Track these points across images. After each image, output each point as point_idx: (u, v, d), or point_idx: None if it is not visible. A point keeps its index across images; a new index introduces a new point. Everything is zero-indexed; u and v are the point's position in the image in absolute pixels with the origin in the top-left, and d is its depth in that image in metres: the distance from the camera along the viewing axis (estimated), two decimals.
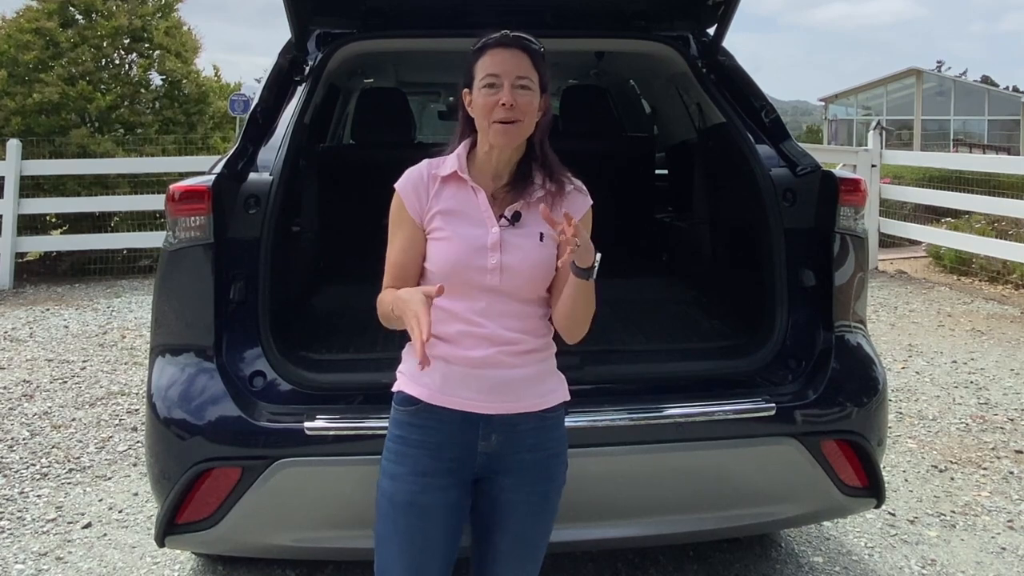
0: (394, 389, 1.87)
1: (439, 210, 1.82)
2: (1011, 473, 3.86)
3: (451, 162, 1.84)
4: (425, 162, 1.87)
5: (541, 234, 1.80)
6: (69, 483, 3.70)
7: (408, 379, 1.85)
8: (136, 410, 4.58)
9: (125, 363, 5.55)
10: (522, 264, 1.78)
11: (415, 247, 1.83)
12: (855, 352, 2.56)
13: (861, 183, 2.63)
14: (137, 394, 4.86)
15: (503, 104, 1.74)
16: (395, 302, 1.72)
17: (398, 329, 1.77)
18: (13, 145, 8.26)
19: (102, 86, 9.28)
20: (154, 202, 8.36)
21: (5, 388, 5.00)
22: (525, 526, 1.86)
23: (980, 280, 8.46)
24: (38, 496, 3.56)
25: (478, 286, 1.78)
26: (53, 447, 4.10)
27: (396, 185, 1.86)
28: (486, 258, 1.77)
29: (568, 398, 1.91)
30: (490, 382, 1.79)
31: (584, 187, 1.89)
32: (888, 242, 9.72)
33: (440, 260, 1.80)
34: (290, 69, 2.89)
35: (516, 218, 1.80)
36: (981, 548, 3.17)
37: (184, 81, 9.57)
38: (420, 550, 1.79)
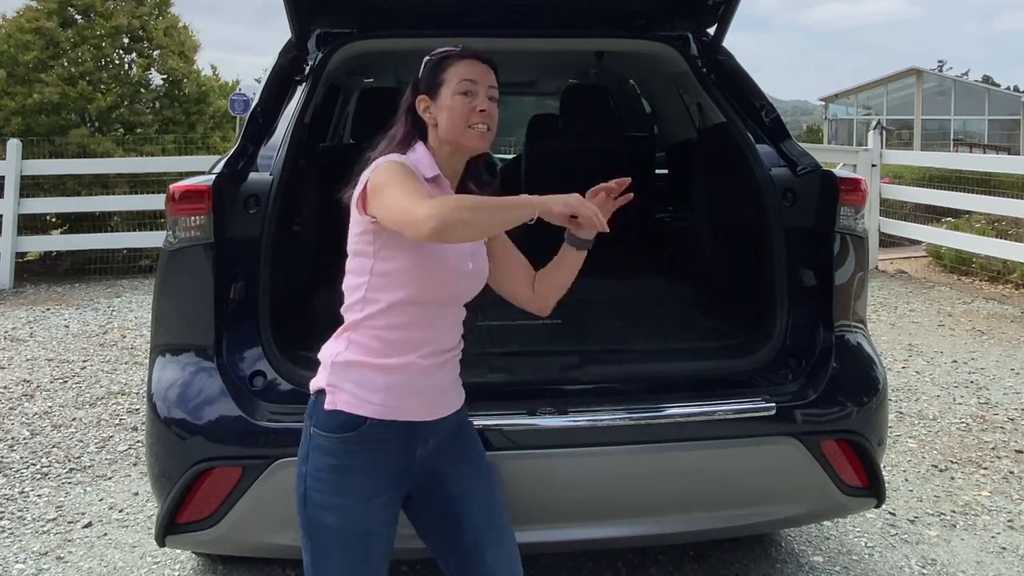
0: (327, 407, 1.75)
1: None
2: (1011, 473, 3.86)
3: (428, 164, 1.82)
4: (397, 156, 1.80)
5: None
6: (69, 483, 3.70)
7: (350, 396, 1.75)
8: (136, 410, 4.58)
9: (125, 363, 5.55)
10: (482, 267, 1.86)
11: None
12: (855, 352, 2.56)
13: (861, 183, 2.62)
14: (137, 394, 4.86)
15: (482, 111, 1.80)
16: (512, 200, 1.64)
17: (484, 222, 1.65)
18: (13, 145, 8.26)
19: (102, 86, 9.28)
20: (154, 202, 8.35)
21: (5, 388, 5.00)
22: (487, 503, 1.88)
23: (980, 280, 8.46)
24: (38, 496, 3.56)
25: (451, 291, 1.81)
26: (53, 447, 4.10)
27: (396, 159, 1.77)
28: (465, 263, 1.81)
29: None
30: (436, 389, 1.82)
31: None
32: (888, 242, 9.71)
33: (427, 265, 1.76)
34: (290, 69, 2.89)
35: None
36: (981, 548, 3.17)
37: (185, 80, 9.57)
38: (371, 573, 1.79)
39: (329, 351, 1.82)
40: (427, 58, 1.90)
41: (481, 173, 1.93)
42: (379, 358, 1.76)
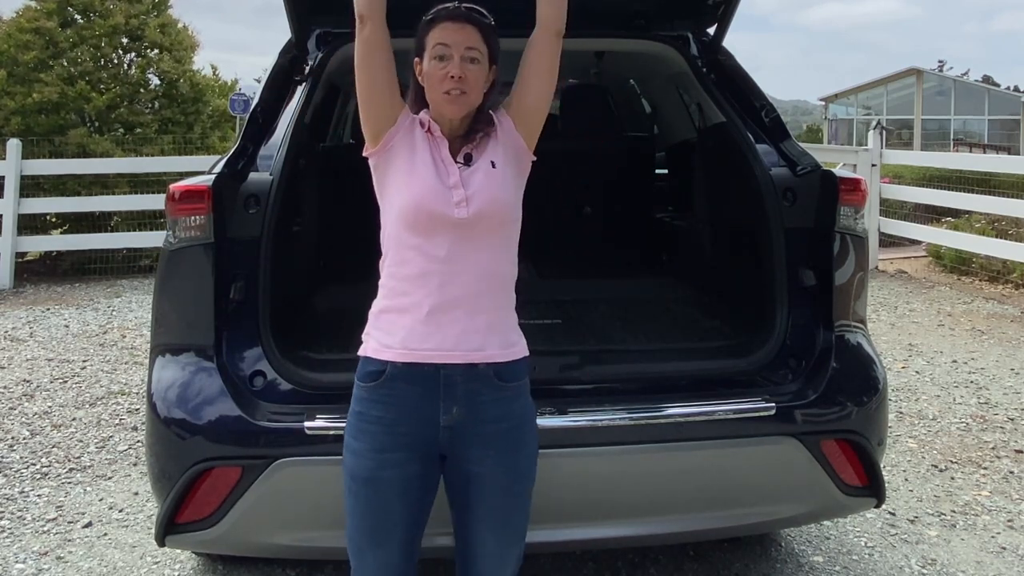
0: (360, 354, 1.86)
1: (409, 146, 1.87)
2: (1011, 472, 3.86)
3: (424, 117, 1.91)
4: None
5: (492, 162, 1.88)
6: (69, 482, 3.70)
7: (376, 343, 1.83)
8: (136, 409, 4.58)
9: (125, 363, 5.55)
10: (482, 191, 1.84)
11: (391, 72, 1.89)
12: (855, 352, 2.56)
13: (861, 183, 2.63)
14: (137, 393, 4.86)
15: (452, 76, 1.82)
16: None
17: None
18: (13, 145, 8.25)
19: (101, 86, 9.27)
20: (154, 202, 8.35)
21: (5, 388, 5.00)
22: (497, 499, 1.86)
23: (980, 280, 8.46)
24: (38, 495, 3.56)
25: (446, 223, 1.81)
26: (53, 446, 4.10)
27: None
28: (451, 195, 1.82)
29: (527, 354, 1.90)
30: (455, 328, 1.80)
31: (493, 113, 1.96)
32: (888, 242, 9.71)
33: (407, 199, 1.82)
34: (290, 69, 2.89)
35: (468, 159, 1.88)
36: (981, 547, 3.17)
37: (180, 80, 9.56)
38: (381, 522, 1.82)
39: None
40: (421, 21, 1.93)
41: (475, 126, 1.90)
42: (395, 298, 1.83)
